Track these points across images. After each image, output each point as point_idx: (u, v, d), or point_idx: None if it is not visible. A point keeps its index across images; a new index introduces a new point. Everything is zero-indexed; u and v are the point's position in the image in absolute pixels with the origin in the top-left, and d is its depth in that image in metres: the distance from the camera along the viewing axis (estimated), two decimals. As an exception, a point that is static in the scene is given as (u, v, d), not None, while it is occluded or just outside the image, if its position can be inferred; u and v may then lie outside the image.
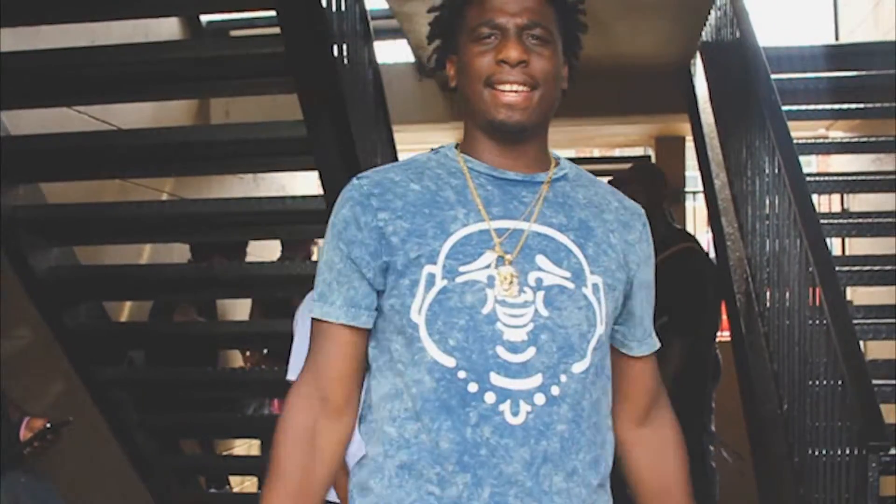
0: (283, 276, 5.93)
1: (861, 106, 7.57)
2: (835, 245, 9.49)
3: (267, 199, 6.10)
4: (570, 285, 2.02)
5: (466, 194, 2.07)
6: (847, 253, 9.07)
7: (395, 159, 6.11)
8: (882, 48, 8.27)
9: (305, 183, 9.10)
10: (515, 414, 1.95)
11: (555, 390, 1.97)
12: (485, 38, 2.05)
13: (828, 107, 7.69)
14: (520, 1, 2.05)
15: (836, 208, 10.06)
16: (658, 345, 2.27)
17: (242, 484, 8.30)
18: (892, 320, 6.06)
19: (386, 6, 7.32)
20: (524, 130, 2.07)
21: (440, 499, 1.96)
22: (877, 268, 6.28)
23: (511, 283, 1.98)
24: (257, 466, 7.80)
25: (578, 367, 2.01)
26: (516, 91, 2.03)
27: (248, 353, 7.69)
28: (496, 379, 1.95)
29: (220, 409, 7.30)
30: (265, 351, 7.69)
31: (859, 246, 8.66)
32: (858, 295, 8.18)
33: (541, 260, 2.03)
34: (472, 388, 1.95)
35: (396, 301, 2.01)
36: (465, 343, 1.96)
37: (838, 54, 8.39)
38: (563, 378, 1.98)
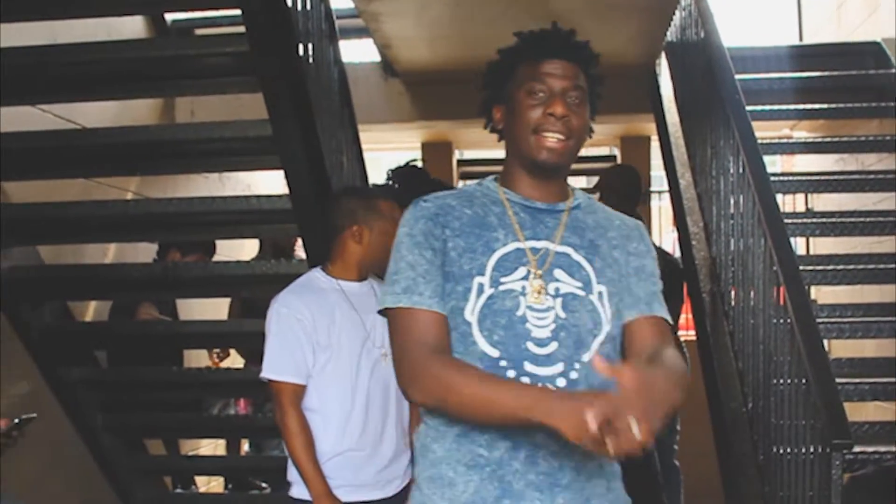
0: (250, 276, 5.90)
1: (825, 106, 7.62)
2: (799, 244, 9.54)
3: (232, 199, 6.07)
4: (581, 293, 2.54)
5: (505, 219, 2.61)
6: (811, 252, 9.13)
7: (361, 158, 6.11)
8: (845, 49, 8.35)
9: (271, 182, 9.08)
10: None
11: (573, 375, 2.48)
12: (535, 94, 2.56)
13: (792, 107, 7.74)
14: (565, 70, 2.58)
15: (801, 208, 10.12)
16: (656, 313, 2.65)
17: (209, 484, 8.27)
18: (856, 319, 6.10)
19: (351, 5, 7.31)
20: (558, 170, 2.61)
21: (487, 459, 2.48)
22: (840, 267, 6.33)
23: (539, 292, 2.51)
24: (223, 466, 7.79)
25: (586, 358, 2.49)
26: (557, 139, 2.54)
27: (215, 353, 7.66)
28: (528, 367, 2.46)
29: (186, 409, 7.27)
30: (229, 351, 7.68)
31: (823, 245, 8.71)
32: (822, 294, 8.23)
33: (559, 273, 2.55)
34: (511, 373, 2.47)
35: (453, 304, 2.52)
36: (505, 339, 2.48)
37: (802, 55, 8.45)
38: (578, 366, 2.48)
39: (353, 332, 4.05)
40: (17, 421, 4.08)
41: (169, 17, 8.04)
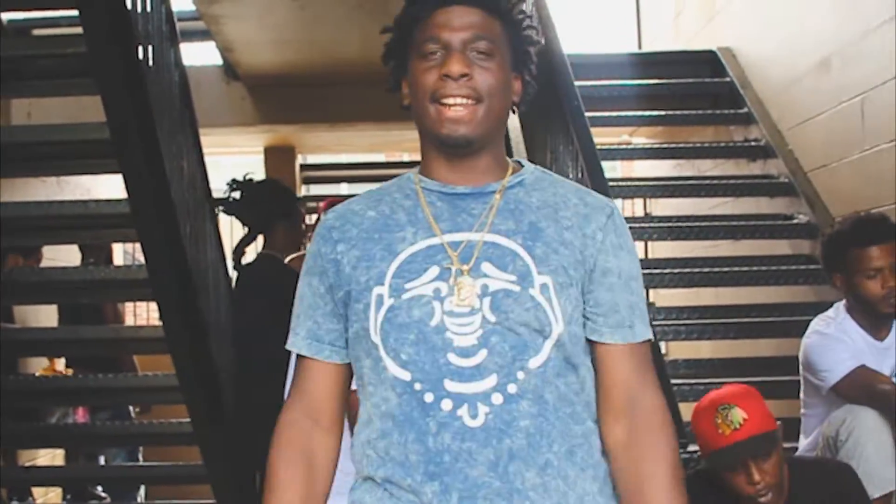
0: (85, 282, 5.80)
1: (663, 113, 7.79)
2: (638, 248, 9.70)
3: (69, 203, 5.96)
4: (516, 288, 2.05)
5: (417, 213, 2.15)
6: (649, 256, 9.29)
7: (202, 162, 6.04)
8: (682, 57, 8.53)
9: (112, 186, 8.94)
10: (474, 417, 2.01)
11: (512, 388, 2.01)
12: (430, 54, 2.11)
13: (631, 113, 7.88)
14: (464, 17, 2.11)
15: (640, 212, 10.31)
16: (639, 338, 2.16)
17: (46, 495, 8.11)
18: (692, 321, 6.24)
19: (193, 8, 7.24)
20: (470, 144, 2.12)
21: None
22: (677, 270, 6.46)
23: (465, 292, 2.04)
24: (61, 477, 7.64)
25: (535, 363, 2.03)
26: (461, 105, 2.08)
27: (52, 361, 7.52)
28: (450, 385, 2.02)
29: (23, 418, 7.11)
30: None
31: (661, 249, 8.88)
32: (660, 296, 8.40)
33: (486, 267, 2.07)
34: (429, 398, 2.02)
35: (358, 326, 2.11)
36: (416, 356, 2.03)
37: (641, 62, 8.61)
38: (521, 375, 2.02)
39: None
40: None
41: (4, 16, 7.86)
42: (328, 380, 2.21)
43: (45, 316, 7.75)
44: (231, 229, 6.25)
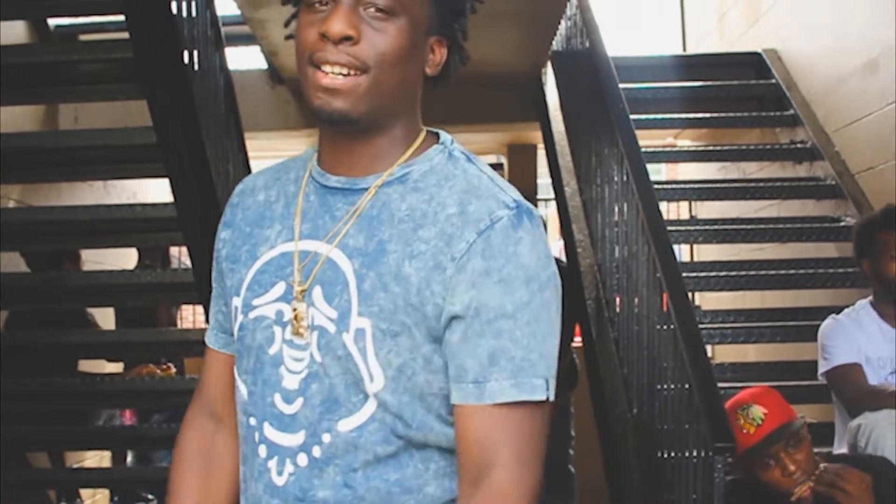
0: (133, 285, 5.83)
1: (708, 115, 7.75)
2: (683, 251, 9.67)
3: (116, 207, 5.99)
4: (332, 328, 1.66)
5: (292, 206, 1.78)
6: (695, 259, 9.27)
7: (247, 166, 6.07)
8: (727, 59, 8.50)
9: (158, 190, 8.98)
10: (280, 473, 1.71)
11: (316, 451, 1.68)
12: (318, 3, 1.66)
13: (676, 116, 7.85)
14: None
15: (685, 215, 10.27)
16: (491, 399, 1.62)
17: (94, 497, 8.15)
18: (738, 325, 6.21)
19: (238, 12, 7.27)
20: (351, 122, 1.67)
21: None
22: (723, 273, 6.43)
23: (300, 321, 1.69)
24: (109, 479, 7.68)
25: (346, 425, 1.66)
26: (335, 74, 1.63)
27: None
28: (268, 431, 1.73)
29: (71, 420, 7.15)
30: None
31: (706, 252, 8.84)
32: (706, 300, 8.36)
33: (316, 294, 1.69)
34: (256, 437, 1.75)
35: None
36: (253, 386, 1.76)
37: (686, 65, 8.58)
38: (327, 438, 1.67)
39: None
40: None
41: (52, 22, 7.92)
42: (222, 372, 1.94)
43: (103, 319, 7.80)
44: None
